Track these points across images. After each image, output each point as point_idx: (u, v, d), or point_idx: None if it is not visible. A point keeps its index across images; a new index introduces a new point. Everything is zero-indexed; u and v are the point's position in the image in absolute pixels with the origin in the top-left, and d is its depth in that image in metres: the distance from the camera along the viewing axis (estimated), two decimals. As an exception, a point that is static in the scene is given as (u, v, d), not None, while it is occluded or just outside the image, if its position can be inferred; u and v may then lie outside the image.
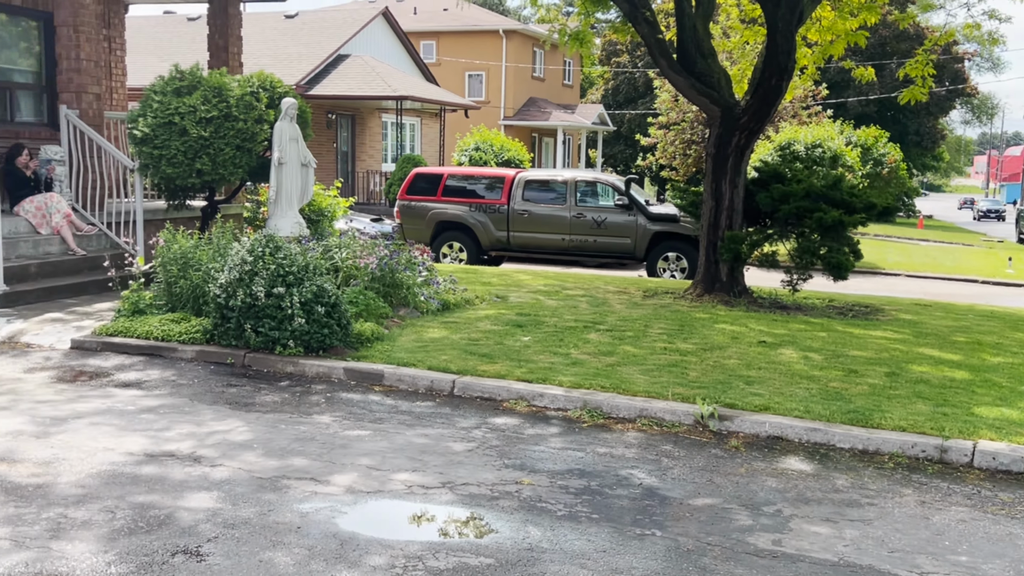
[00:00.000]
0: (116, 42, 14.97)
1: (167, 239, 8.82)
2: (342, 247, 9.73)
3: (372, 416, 6.42)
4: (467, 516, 4.74)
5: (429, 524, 4.65)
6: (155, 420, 6.13)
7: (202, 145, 10.60)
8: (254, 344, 7.67)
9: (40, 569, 3.95)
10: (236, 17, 14.19)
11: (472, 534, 4.53)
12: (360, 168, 30.13)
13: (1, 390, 6.74)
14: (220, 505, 4.72)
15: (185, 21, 31.52)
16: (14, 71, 13.65)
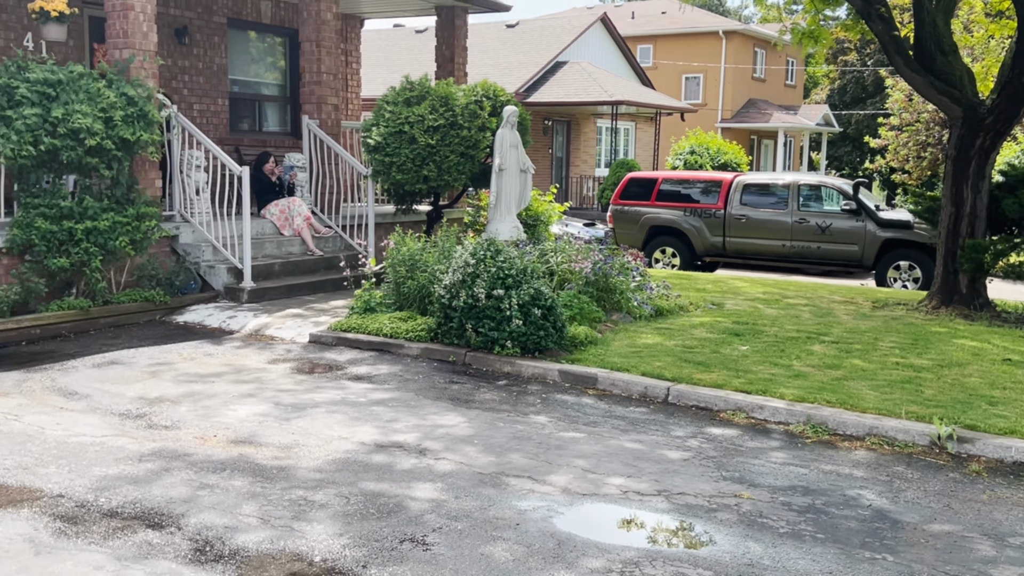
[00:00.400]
0: (352, 55, 15.94)
1: (397, 242, 9.28)
2: (557, 251, 9.87)
3: (586, 419, 6.47)
4: (684, 526, 4.67)
5: (644, 531, 4.62)
6: (384, 412, 6.47)
7: (429, 152, 11.09)
8: (474, 343, 7.93)
9: (284, 546, 4.27)
10: (462, 28, 14.74)
11: (689, 545, 4.46)
12: (574, 173, 30.46)
13: (248, 378, 7.34)
14: (443, 497, 4.91)
15: (413, 33, 33.08)
16: (262, 84, 14.85)
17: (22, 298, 8.48)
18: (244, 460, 5.40)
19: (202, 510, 4.63)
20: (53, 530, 4.34)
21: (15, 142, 8.38)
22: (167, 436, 5.81)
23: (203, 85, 13.44)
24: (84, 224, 8.83)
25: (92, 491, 4.84)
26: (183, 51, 13.11)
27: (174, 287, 9.95)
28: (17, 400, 6.48)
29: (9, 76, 8.54)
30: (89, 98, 8.80)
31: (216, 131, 13.37)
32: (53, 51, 10.63)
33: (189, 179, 10.42)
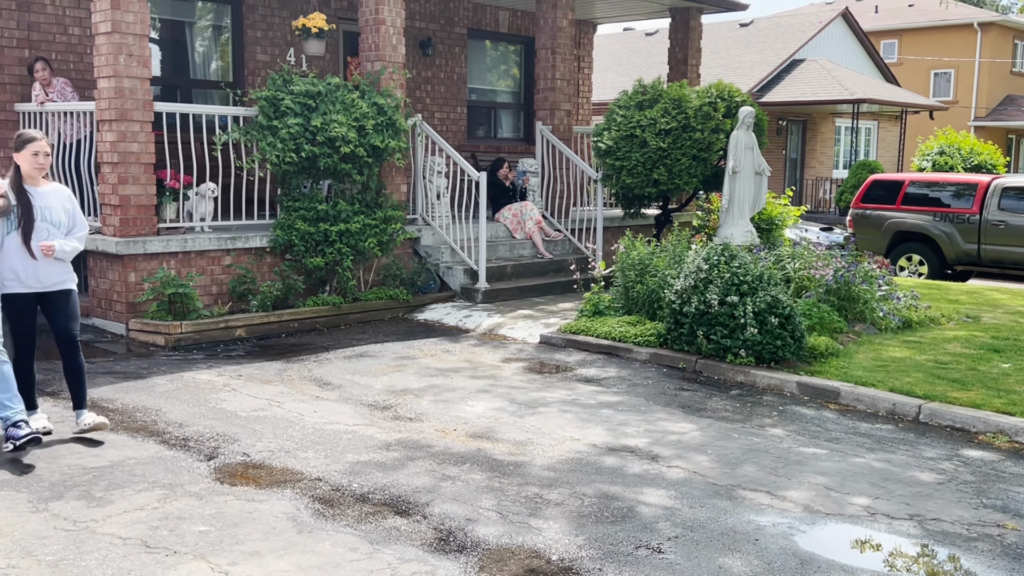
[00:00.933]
0: (584, 60, 16.12)
1: (626, 245, 9.28)
2: (794, 257, 9.51)
3: (827, 435, 6.18)
4: (939, 555, 4.36)
5: (894, 556, 4.35)
6: (613, 415, 6.49)
7: (660, 156, 11.01)
8: (705, 351, 7.78)
9: (521, 542, 4.37)
10: (696, 30, 14.53)
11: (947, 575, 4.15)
12: (809, 175, 29.23)
13: (483, 375, 7.59)
14: (676, 505, 4.86)
15: (642, 37, 32.98)
16: (497, 92, 15.32)
17: (283, 294, 9.22)
18: (481, 454, 5.59)
19: (444, 500, 4.84)
20: (312, 511, 4.68)
21: (280, 149, 9.12)
22: (411, 427, 6.12)
23: (444, 94, 14.06)
24: (338, 226, 9.47)
25: (345, 476, 5.18)
26: (426, 62, 13.77)
27: (415, 286, 10.47)
28: (278, 388, 7.05)
29: (276, 89, 9.31)
30: (344, 108, 9.43)
31: (455, 138, 13.94)
32: (312, 65, 11.48)
33: (431, 184, 10.93)
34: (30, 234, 5.45)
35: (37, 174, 5.54)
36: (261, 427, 6.03)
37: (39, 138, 5.54)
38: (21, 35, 9.68)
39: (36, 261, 5.47)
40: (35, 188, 5.55)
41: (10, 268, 5.47)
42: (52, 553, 4.11)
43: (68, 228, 5.64)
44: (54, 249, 5.47)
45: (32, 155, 5.49)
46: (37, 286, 5.55)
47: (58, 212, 5.57)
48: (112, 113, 8.33)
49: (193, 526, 4.44)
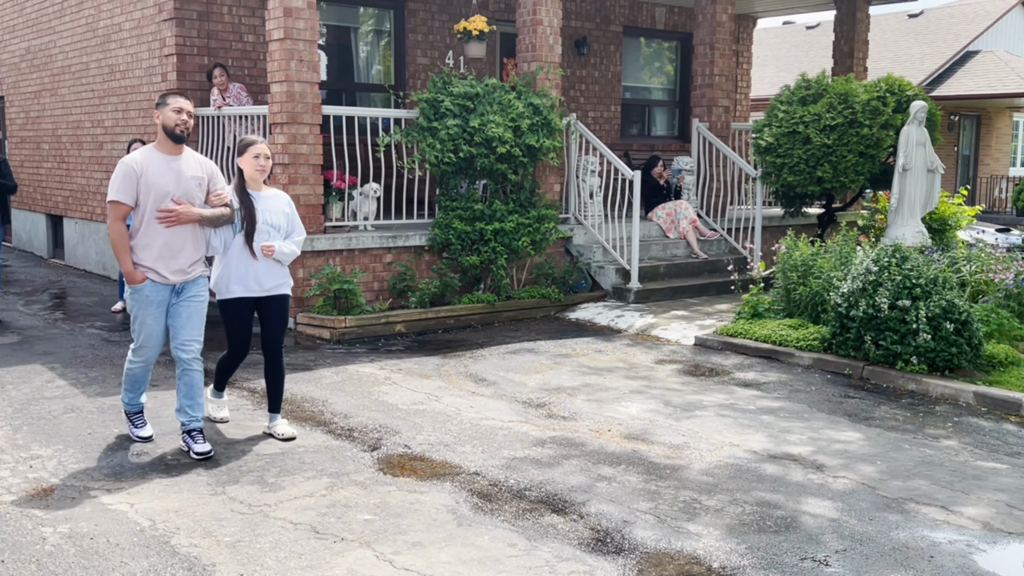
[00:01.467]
0: (743, 56, 15.73)
1: (788, 246, 8.99)
2: (970, 259, 8.96)
3: (1008, 448, 5.79)
4: None
5: (1088, 584, 4.03)
6: (774, 422, 6.30)
7: (824, 153, 10.61)
8: (873, 357, 7.44)
9: (680, 547, 4.30)
10: (863, 22, 13.93)
11: None
12: (983, 173, 27.51)
13: (637, 375, 7.52)
14: (843, 517, 4.66)
15: (803, 30, 31.88)
16: (651, 89, 15.15)
17: (439, 291, 9.43)
18: (636, 456, 5.53)
19: (600, 500, 4.82)
20: (471, 505, 4.76)
21: (439, 150, 9.33)
22: (565, 426, 6.13)
23: (598, 93, 14.02)
24: (492, 225, 9.60)
25: (502, 471, 5.24)
26: (581, 61, 13.77)
27: (566, 285, 10.49)
28: (436, 382, 7.21)
29: (436, 91, 9.53)
30: (501, 109, 9.55)
31: (608, 136, 13.88)
32: (471, 66, 11.69)
33: (584, 183, 10.92)
34: (252, 235, 5.49)
35: (259, 176, 5.58)
36: (420, 420, 6.18)
37: (259, 141, 5.58)
38: (201, 43, 10.29)
39: (257, 263, 5.51)
40: (257, 192, 5.60)
41: (233, 271, 5.52)
42: (229, 535, 4.35)
43: (287, 232, 5.67)
44: (274, 250, 5.51)
45: (253, 158, 5.53)
46: (257, 289, 5.57)
47: (278, 216, 5.60)
48: (283, 116, 8.73)
49: (359, 514, 4.59)
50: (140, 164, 5.18)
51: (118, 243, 5.22)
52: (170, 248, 5.25)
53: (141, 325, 5.35)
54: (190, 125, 5.28)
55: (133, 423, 5.67)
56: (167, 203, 5.19)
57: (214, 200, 5.40)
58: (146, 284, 5.25)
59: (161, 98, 5.32)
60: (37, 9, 13.66)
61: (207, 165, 5.45)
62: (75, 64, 12.67)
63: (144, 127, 11.02)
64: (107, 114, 11.94)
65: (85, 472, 5.13)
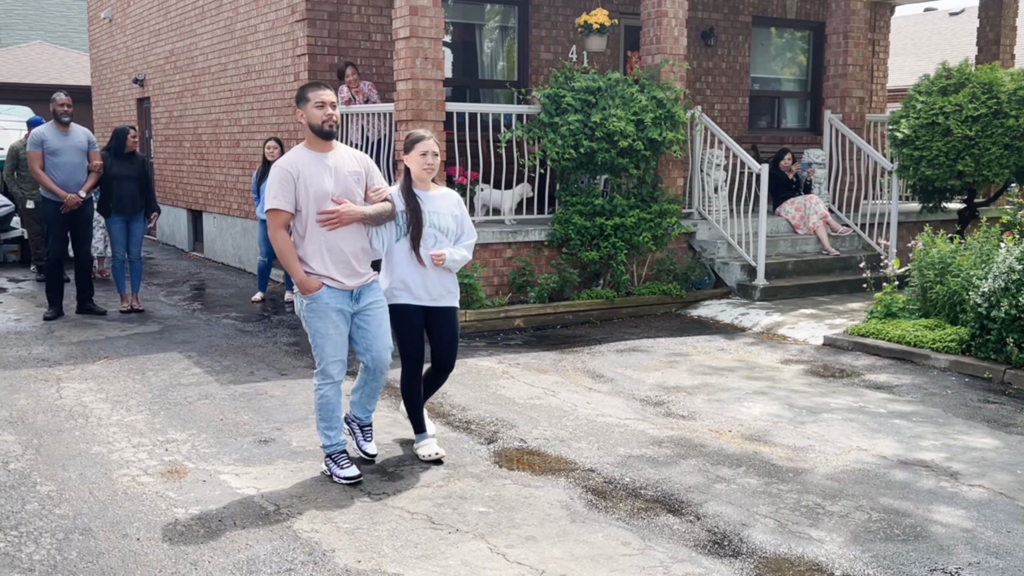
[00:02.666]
0: (880, 44, 15.10)
1: (925, 242, 8.58)
2: None
3: None
4: None
5: None
6: (906, 426, 6.02)
7: (965, 145, 10.07)
8: (1016, 360, 7.02)
9: (801, 553, 4.16)
10: (1011, 7, 13.16)
11: None
12: None
13: (760, 375, 7.32)
14: (977, 527, 4.41)
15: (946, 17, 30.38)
16: (781, 80, 14.72)
17: (558, 286, 9.42)
18: (757, 458, 5.39)
19: (717, 502, 4.71)
20: (585, 501, 4.74)
21: (559, 146, 9.32)
22: (683, 425, 6.02)
23: (725, 85, 13.72)
24: (613, 220, 9.53)
25: (617, 469, 5.19)
26: (707, 52, 13.50)
27: (688, 282, 10.31)
28: (553, 377, 7.21)
29: (558, 86, 9.52)
30: (623, 103, 9.45)
31: (734, 129, 13.57)
32: (593, 60, 11.62)
33: (708, 177, 10.71)
34: (419, 241, 5.04)
35: (426, 176, 5.10)
36: (537, 415, 6.19)
37: (427, 136, 5.10)
38: (331, 43, 10.60)
39: (425, 270, 5.08)
40: (424, 192, 5.14)
41: (399, 278, 5.10)
42: (349, 522, 4.46)
43: (457, 235, 5.19)
44: (444, 258, 5.04)
45: (420, 155, 5.07)
46: (426, 298, 5.14)
47: (447, 218, 5.13)
48: (409, 114, 8.90)
49: (473, 506, 4.64)
50: (295, 166, 4.77)
51: (285, 252, 4.79)
52: (339, 251, 4.83)
53: (323, 339, 4.85)
54: (336, 118, 4.83)
55: (337, 463, 4.98)
56: (327, 204, 4.78)
57: (373, 197, 4.96)
58: (323, 292, 4.81)
59: (300, 93, 4.85)
60: (180, 13, 14.37)
61: (362, 159, 5.02)
62: (214, 65, 13.26)
63: (278, 125, 11.44)
64: (243, 113, 12.45)
65: (216, 456, 5.37)
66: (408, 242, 5.07)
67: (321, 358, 4.90)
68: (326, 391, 4.95)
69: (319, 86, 4.86)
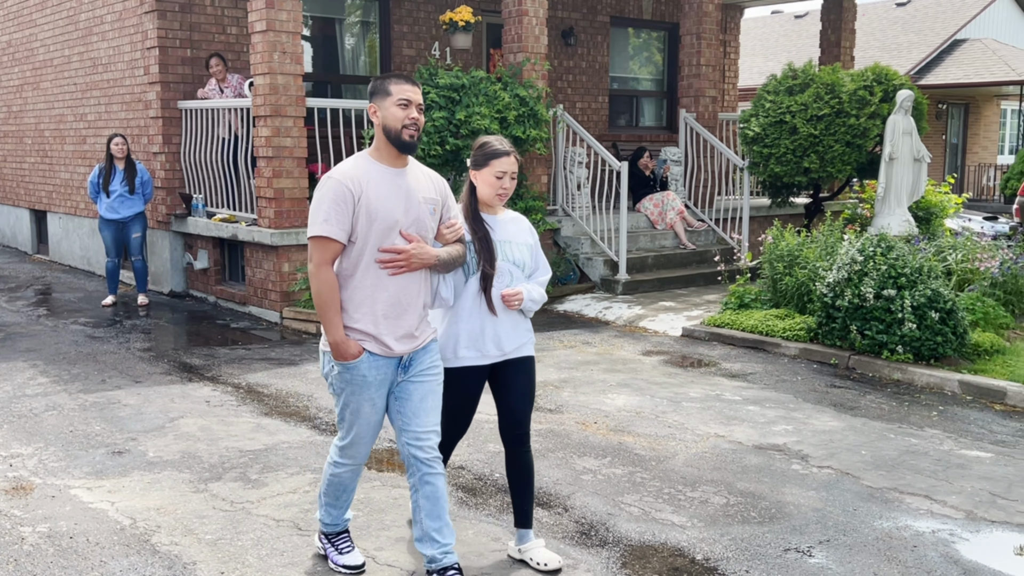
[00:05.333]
0: (731, 46, 15.70)
1: (774, 236, 8.98)
2: (956, 248, 8.97)
3: (993, 437, 5.80)
4: (1122, 572, 4.01)
5: (1071, 572, 4.03)
6: (759, 412, 6.29)
7: (811, 143, 10.60)
8: (859, 346, 7.44)
9: (664, 539, 4.29)
10: (850, 10, 13.92)
11: None
12: (971, 161, 27.57)
13: (623, 368, 7.51)
14: (827, 507, 4.66)
15: (791, 19, 31.87)
16: (639, 80, 15.11)
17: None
18: (622, 448, 5.52)
19: (584, 493, 4.80)
20: (456, 499, 4.74)
21: (425, 143, 9.28)
22: (551, 419, 6.11)
23: (585, 84, 13.97)
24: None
25: (488, 465, 5.21)
26: (568, 52, 13.72)
27: (554, 277, 10.46)
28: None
29: (421, 82, 9.47)
30: (487, 100, 9.50)
31: (595, 127, 13.84)
32: (457, 58, 11.62)
33: (571, 175, 10.89)
34: (491, 279, 3.85)
35: (498, 203, 3.93)
36: (405, 415, 6.15)
37: (506, 152, 3.86)
38: (183, 35, 10.20)
39: (496, 317, 3.87)
40: (492, 217, 3.95)
41: (464, 330, 3.86)
42: (211, 532, 4.32)
43: (531, 269, 4.04)
44: (521, 298, 3.90)
45: (495, 178, 3.86)
46: (495, 353, 3.90)
47: (520, 249, 3.96)
48: (267, 109, 8.67)
49: (341, 510, 4.56)
50: (357, 181, 3.50)
51: (327, 300, 3.51)
52: (397, 304, 3.59)
53: (353, 415, 3.69)
54: (422, 123, 3.61)
55: (335, 546, 4.00)
56: (394, 238, 3.54)
57: (447, 234, 3.74)
58: (363, 359, 3.57)
59: (379, 84, 3.59)
60: (17, 2, 13.54)
61: (438, 182, 3.78)
62: (57, 57, 12.56)
63: (127, 121, 10.94)
64: (90, 108, 11.85)
65: (65, 470, 5.10)
66: (477, 283, 3.86)
67: (347, 435, 3.76)
68: (344, 472, 3.86)
69: (404, 79, 3.60)
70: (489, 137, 3.98)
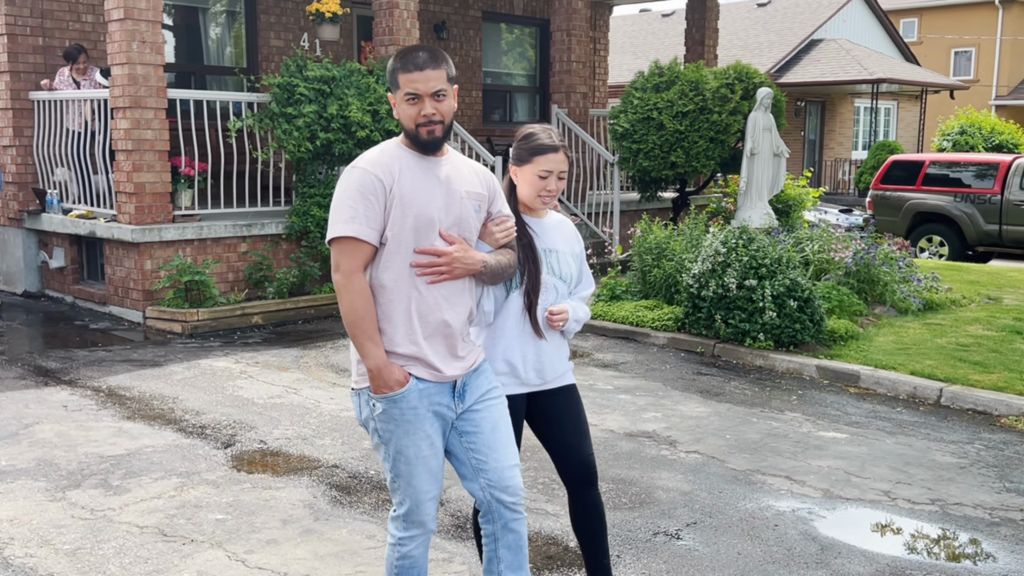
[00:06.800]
0: (600, 43, 15.99)
1: (643, 229, 9.21)
2: (813, 239, 9.40)
3: (847, 419, 6.12)
4: (960, 539, 4.30)
5: (916, 540, 4.30)
6: (631, 400, 6.45)
7: (677, 138, 10.91)
8: (724, 335, 7.72)
9: (538, 528, 4.34)
10: (713, 10, 14.38)
11: (967, 559, 4.10)
12: (828, 156, 28.97)
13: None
14: (695, 490, 4.81)
15: (659, 18, 32.73)
16: (512, 75, 15.22)
17: (299, 280, 9.21)
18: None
19: (460, 487, 4.81)
20: (329, 498, 4.67)
21: (296, 138, 9.09)
22: (426, 414, 6.09)
23: (459, 78, 13.97)
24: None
25: (363, 462, 5.16)
26: (441, 45, 13.69)
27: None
28: (295, 375, 7.04)
29: (290, 75, 9.27)
30: (359, 93, 9.37)
31: (470, 122, 13.87)
32: (327, 50, 11.42)
33: (445, 168, 10.86)
34: (536, 295, 3.25)
35: (541, 206, 3.32)
36: (278, 414, 6.03)
37: (555, 147, 3.25)
38: (35, 23, 9.67)
39: (541, 340, 3.27)
40: (536, 220, 3.35)
41: (502, 353, 3.24)
42: (69, 542, 4.12)
43: (576, 282, 3.44)
44: (566, 318, 3.31)
45: (539, 177, 3.26)
46: (535, 381, 3.31)
47: (567, 260, 3.36)
48: (126, 100, 8.32)
49: (210, 514, 4.44)
50: (388, 171, 2.90)
51: (365, 314, 2.87)
52: (438, 320, 2.95)
53: (409, 465, 2.94)
54: (447, 120, 2.95)
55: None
56: (432, 239, 2.92)
57: (498, 233, 3.09)
58: (410, 389, 2.91)
59: (389, 72, 2.96)
60: None
61: (484, 175, 3.12)
62: None
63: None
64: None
65: (-93, 484, 4.77)
66: (522, 299, 3.24)
67: (404, 501, 2.99)
68: (412, 548, 3.03)
69: (413, 64, 2.91)
70: (535, 127, 3.33)
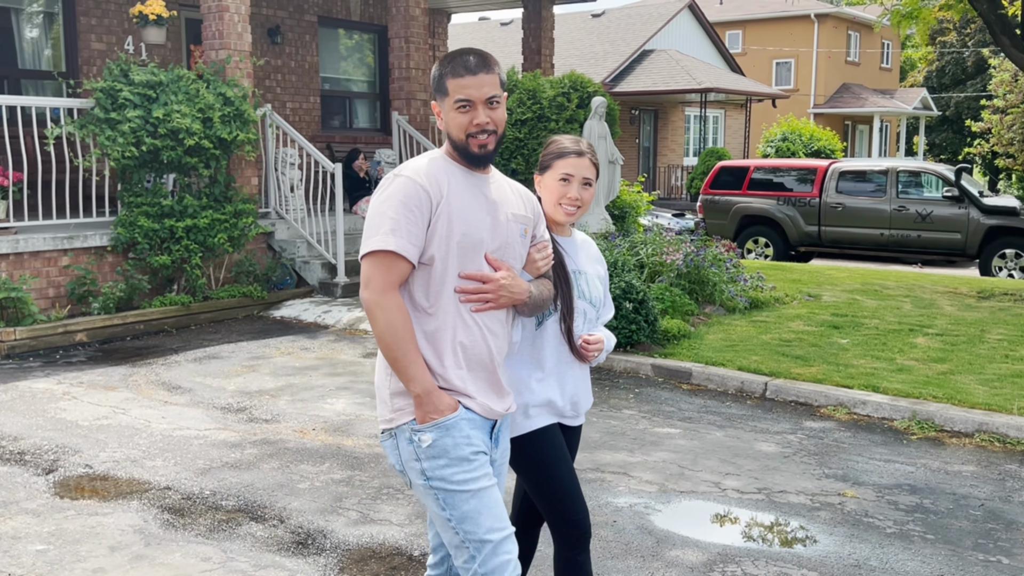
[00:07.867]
0: (440, 50, 16.04)
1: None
2: (647, 243, 9.74)
3: (681, 414, 6.37)
4: (785, 524, 4.56)
5: (746, 529, 4.52)
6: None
7: (517, 146, 11.09)
8: (565, 337, 7.87)
9: (383, 540, 4.30)
10: (549, 20, 14.68)
11: (791, 543, 4.35)
12: (661, 163, 30.11)
13: (342, 371, 7.45)
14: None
15: (498, 26, 33.14)
16: (352, 81, 15.06)
17: (126, 295, 8.78)
18: (340, 451, 5.48)
19: (302, 502, 4.71)
20: (161, 522, 4.47)
21: (120, 144, 8.67)
22: (267, 429, 5.93)
23: (295, 83, 13.71)
24: (184, 222, 9.09)
25: (197, 483, 4.97)
26: (276, 50, 13.39)
27: (270, 283, 10.17)
28: (123, 394, 6.71)
29: (113, 79, 8.84)
30: (188, 99, 9.04)
31: (308, 128, 13.62)
32: (153, 53, 10.97)
33: (284, 176, 10.63)
34: (571, 320, 2.96)
35: (564, 218, 2.99)
36: (105, 436, 5.72)
37: (577, 151, 2.97)
38: None
39: (573, 366, 2.99)
40: (564, 239, 3.05)
41: (538, 386, 2.93)
42: None
43: (600, 306, 3.13)
44: (601, 348, 3.02)
45: (560, 180, 2.96)
46: (571, 413, 3.03)
47: (595, 283, 3.07)
48: (-72, 105, 7.72)
49: (30, 545, 4.17)
50: (436, 182, 2.61)
51: (404, 333, 2.58)
52: (484, 350, 2.68)
53: (475, 498, 2.59)
54: (500, 122, 2.66)
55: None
56: (478, 262, 2.65)
57: (539, 261, 2.84)
58: (461, 415, 2.61)
59: (435, 78, 2.67)
60: None
61: (527, 197, 2.87)
62: None
63: None
64: None
65: None
66: (558, 324, 2.95)
67: (481, 540, 2.59)
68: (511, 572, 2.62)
69: (464, 67, 2.61)
70: (563, 136, 3.08)
